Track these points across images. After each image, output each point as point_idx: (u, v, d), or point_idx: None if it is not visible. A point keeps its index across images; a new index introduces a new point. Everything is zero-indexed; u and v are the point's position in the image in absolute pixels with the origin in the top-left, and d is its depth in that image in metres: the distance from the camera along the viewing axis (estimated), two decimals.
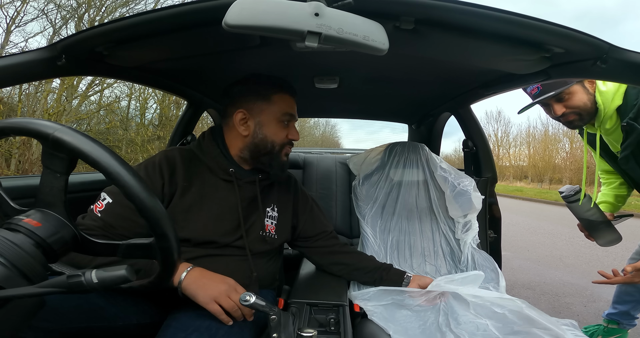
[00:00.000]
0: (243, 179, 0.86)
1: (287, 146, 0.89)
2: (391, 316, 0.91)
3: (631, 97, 1.03)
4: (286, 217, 0.96)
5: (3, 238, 0.39)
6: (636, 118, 1.02)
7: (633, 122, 1.02)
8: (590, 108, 1.08)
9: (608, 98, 1.06)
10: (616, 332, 1.56)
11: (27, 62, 0.68)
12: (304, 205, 1.01)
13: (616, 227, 1.23)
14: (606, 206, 1.38)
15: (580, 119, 1.11)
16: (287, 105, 0.87)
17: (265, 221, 0.89)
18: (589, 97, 1.08)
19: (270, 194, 0.94)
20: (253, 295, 0.65)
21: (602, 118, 1.09)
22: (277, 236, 0.92)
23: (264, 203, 0.90)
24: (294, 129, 0.89)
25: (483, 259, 1.18)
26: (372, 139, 44.54)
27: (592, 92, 1.08)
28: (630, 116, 1.02)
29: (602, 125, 1.12)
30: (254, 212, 0.87)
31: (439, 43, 0.68)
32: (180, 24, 0.62)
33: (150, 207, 0.43)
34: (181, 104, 7.64)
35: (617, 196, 1.37)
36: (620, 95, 1.05)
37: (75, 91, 6.78)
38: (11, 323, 0.38)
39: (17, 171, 5.73)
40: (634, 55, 0.59)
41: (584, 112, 1.08)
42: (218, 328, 0.69)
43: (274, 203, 0.93)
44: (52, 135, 0.42)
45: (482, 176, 1.37)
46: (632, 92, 1.03)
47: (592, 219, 1.21)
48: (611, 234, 1.22)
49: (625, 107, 1.05)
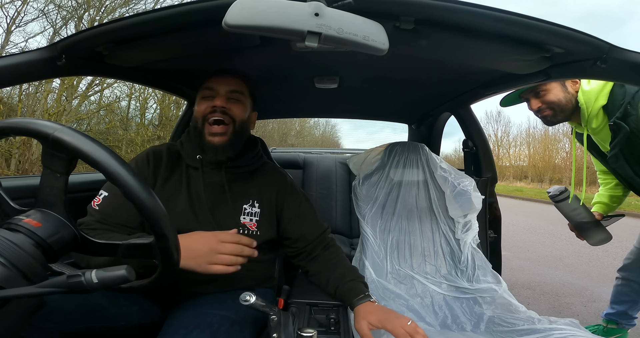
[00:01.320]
0: (210, 165, 0.84)
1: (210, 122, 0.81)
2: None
3: (617, 96, 1.04)
4: (270, 212, 0.90)
5: (3, 238, 0.39)
6: (623, 117, 1.03)
7: (620, 121, 1.03)
8: (565, 106, 1.12)
9: (591, 97, 1.08)
10: (616, 331, 1.56)
11: (27, 62, 0.68)
12: (290, 203, 0.93)
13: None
14: (600, 206, 1.39)
15: (554, 115, 1.15)
16: (208, 81, 0.85)
17: (242, 219, 0.85)
18: (566, 96, 1.12)
19: (250, 187, 0.89)
20: (253, 295, 0.65)
21: (587, 117, 1.11)
22: (260, 233, 0.86)
23: (239, 197, 0.86)
24: (217, 100, 0.82)
25: (483, 259, 1.19)
26: (372, 139, 44.44)
27: (573, 92, 1.12)
28: (618, 115, 1.04)
29: (588, 124, 1.14)
30: (223, 202, 0.84)
31: (439, 43, 0.68)
32: (180, 24, 0.62)
33: (150, 207, 0.43)
34: (181, 104, 7.64)
35: (612, 196, 1.38)
36: (605, 94, 1.07)
37: (75, 91, 6.78)
38: (11, 323, 0.38)
39: (17, 171, 5.73)
40: (634, 55, 0.59)
41: (558, 108, 1.13)
42: (219, 326, 0.69)
43: (253, 199, 0.88)
44: (52, 135, 0.42)
45: (482, 176, 1.37)
46: (618, 91, 1.04)
47: (578, 219, 1.23)
48: (600, 233, 1.23)
49: (612, 107, 1.06)
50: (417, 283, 1.18)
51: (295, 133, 20.17)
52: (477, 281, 1.14)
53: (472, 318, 1.07)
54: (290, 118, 15.86)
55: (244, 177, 0.90)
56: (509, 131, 21.74)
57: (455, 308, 1.10)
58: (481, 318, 1.05)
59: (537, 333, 0.87)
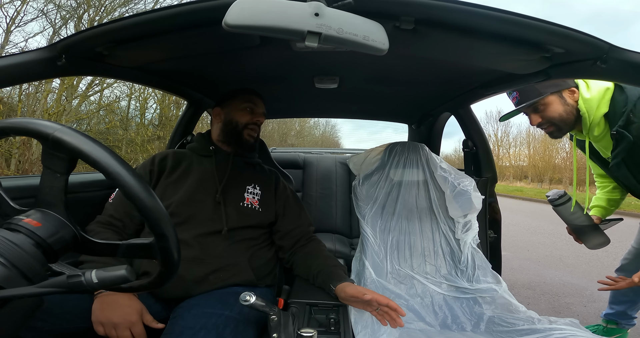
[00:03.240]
0: (221, 154, 1.03)
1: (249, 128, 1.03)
2: None
3: (619, 104, 1.01)
4: (269, 196, 1.04)
5: (3, 238, 0.39)
6: (626, 126, 1.00)
7: (623, 130, 1.00)
8: (567, 119, 1.08)
9: (592, 106, 1.05)
10: (616, 331, 1.57)
11: (27, 62, 0.68)
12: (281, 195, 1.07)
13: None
14: (598, 210, 1.37)
15: (558, 130, 1.12)
16: (249, 97, 1.05)
17: (246, 195, 0.98)
18: (566, 108, 1.08)
19: (251, 174, 1.05)
20: (253, 295, 0.65)
21: (588, 126, 1.08)
22: (262, 211, 0.99)
23: (243, 179, 1.01)
24: (257, 117, 1.05)
25: (483, 259, 1.18)
26: (374, 139, 44.34)
27: (573, 103, 1.08)
28: (620, 123, 1.00)
29: (590, 132, 1.10)
30: (230, 179, 0.99)
31: (439, 43, 0.68)
32: (180, 24, 0.62)
33: (150, 207, 0.43)
34: (181, 104, 7.64)
35: (610, 200, 1.37)
36: (606, 102, 1.03)
37: (75, 91, 6.78)
38: (11, 323, 0.38)
39: (17, 171, 5.73)
40: (634, 55, 0.59)
41: (561, 123, 1.10)
42: (225, 326, 0.70)
43: (255, 183, 1.03)
44: (52, 135, 0.42)
45: (482, 176, 1.37)
46: (620, 99, 1.01)
47: (576, 222, 1.22)
48: (598, 237, 1.22)
49: (613, 115, 1.03)
50: (417, 283, 1.18)
51: (295, 133, 20.17)
52: (477, 281, 1.14)
53: (472, 318, 1.07)
54: (290, 118, 15.86)
55: (247, 166, 1.07)
56: (509, 131, 21.78)
57: (455, 308, 1.10)
58: (481, 318, 1.05)
59: (537, 333, 0.87)
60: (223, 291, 0.83)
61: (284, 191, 1.09)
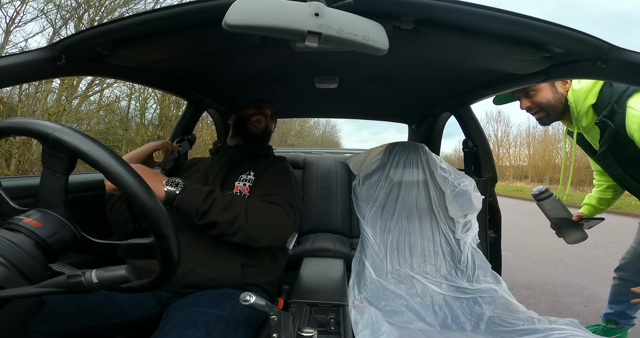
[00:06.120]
0: (225, 149, 1.10)
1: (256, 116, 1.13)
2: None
3: (605, 95, 1.06)
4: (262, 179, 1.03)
5: (3, 238, 0.39)
6: (610, 116, 1.04)
7: (606, 119, 1.05)
8: (555, 106, 1.15)
9: (580, 96, 1.10)
10: (616, 331, 1.57)
11: (27, 62, 0.68)
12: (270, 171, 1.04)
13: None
14: (587, 208, 1.42)
15: (546, 116, 1.18)
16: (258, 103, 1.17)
17: (236, 183, 0.99)
18: (555, 96, 1.14)
19: (251, 162, 1.07)
20: (253, 295, 0.65)
21: (576, 115, 1.13)
22: (250, 195, 0.96)
23: (241, 169, 1.03)
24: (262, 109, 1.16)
25: (483, 259, 1.18)
26: (376, 139, 44.13)
27: (563, 92, 1.14)
28: (605, 113, 1.05)
29: (578, 122, 1.15)
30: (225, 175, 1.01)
31: (439, 43, 0.68)
32: (180, 24, 0.62)
33: (150, 207, 0.43)
34: (181, 104, 7.64)
35: (601, 199, 1.40)
36: (594, 93, 1.08)
37: (75, 91, 6.78)
38: (11, 323, 0.38)
39: (17, 171, 5.73)
40: (634, 55, 0.59)
41: (549, 109, 1.15)
42: (215, 325, 0.69)
43: (250, 169, 1.03)
44: (52, 135, 0.42)
45: (482, 176, 1.37)
46: (607, 91, 1.06)
47: (555, 217, 1.26)
48: (576, 233, 1.26)
49: (600, 105, 1.07)
50: (417, 283, 1.18)
51: (295, 133, 20.16)
52: (477, 281, 1.14)
53: (472, 318, 1.07)
54: (290, 118, 15.85)
55: (250, 157, 1.10)
56: (509, 131, 21.71)
57: (455, 308, 1.11)
58: (481, 318, 1.05)
59: (537, 333, 0.87)
60: (216, 292, 0.83)
61: (276, 168, 1.04)
